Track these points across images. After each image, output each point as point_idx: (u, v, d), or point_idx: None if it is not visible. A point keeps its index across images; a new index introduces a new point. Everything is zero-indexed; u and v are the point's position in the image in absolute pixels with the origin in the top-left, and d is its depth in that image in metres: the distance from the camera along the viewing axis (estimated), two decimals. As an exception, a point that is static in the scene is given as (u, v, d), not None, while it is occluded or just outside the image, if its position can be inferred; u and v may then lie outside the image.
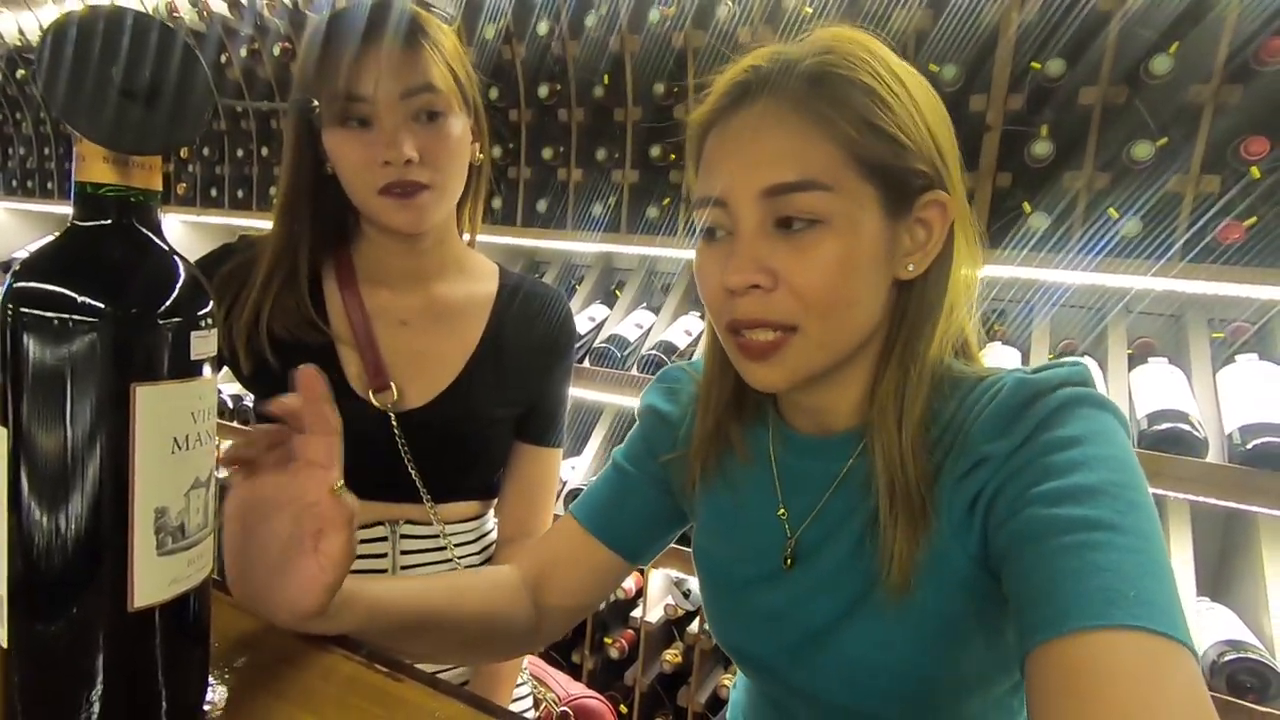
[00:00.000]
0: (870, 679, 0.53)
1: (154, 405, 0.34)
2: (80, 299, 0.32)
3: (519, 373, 0.84)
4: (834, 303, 0.49)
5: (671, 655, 1.40)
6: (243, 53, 1.85)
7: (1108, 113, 1.06)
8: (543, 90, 1.48)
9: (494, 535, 0.89)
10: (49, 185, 2.47)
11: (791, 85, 0.49)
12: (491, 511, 0.90)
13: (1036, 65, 1.08)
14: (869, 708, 0.54)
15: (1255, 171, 0.97)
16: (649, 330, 1.49)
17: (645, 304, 1.59)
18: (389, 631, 0.56)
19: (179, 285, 0.36)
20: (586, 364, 1.45)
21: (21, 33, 2.35)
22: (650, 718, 1.42)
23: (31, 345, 0.32)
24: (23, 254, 2.53)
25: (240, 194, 2.02)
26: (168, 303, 0.35)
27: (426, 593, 0.60)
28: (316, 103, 0.71)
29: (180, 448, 0.36)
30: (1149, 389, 1.11)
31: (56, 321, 0.32)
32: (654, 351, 1.39)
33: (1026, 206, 1.11)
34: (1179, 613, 0.38)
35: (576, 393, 1.61)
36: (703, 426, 0.62)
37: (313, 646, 0.52)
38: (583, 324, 1.54)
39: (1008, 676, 0.54)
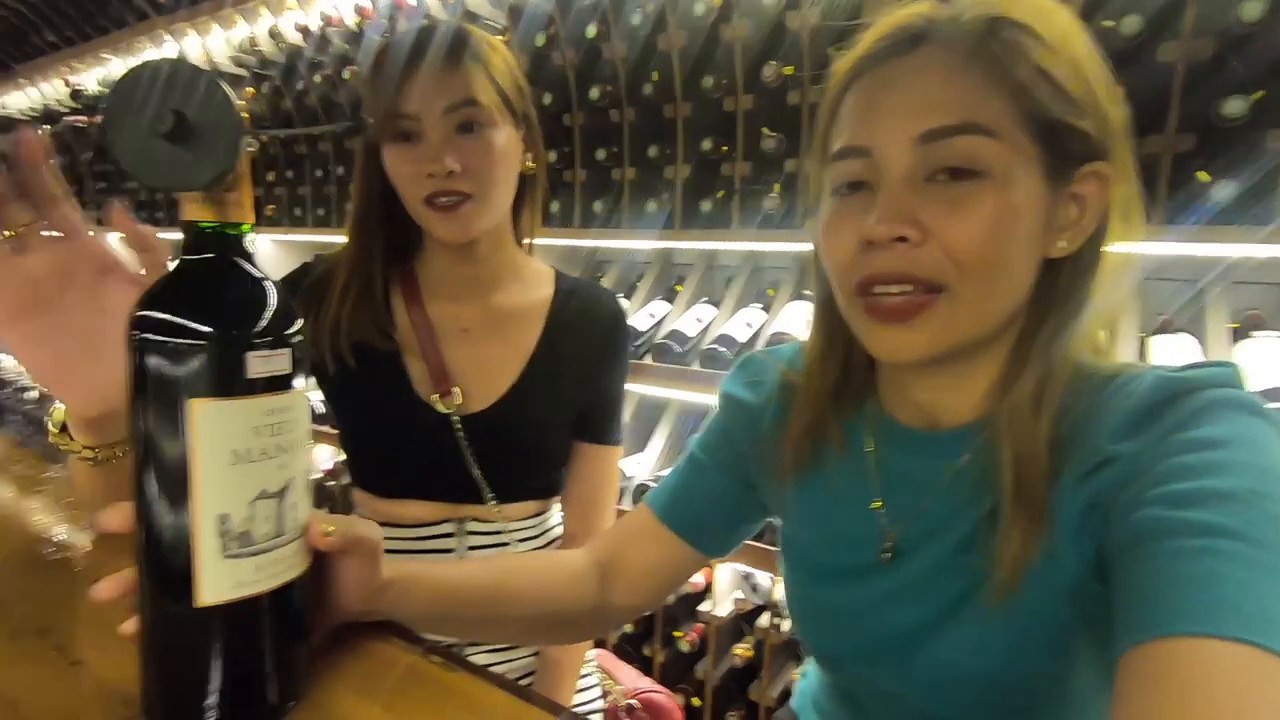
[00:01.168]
0: (961, 686, 0.51)
1: (210, 420, 0.37)
2: (166, 323, 0.37)
3: (576, 374, 0.86)
4: (990, 265, 0.45)
5: (742, 650, 1.40)
6: (316, 79, 1.96)
7: (1192, 69, 0.98)
8: (594, 92, 1.50)
9: (558, 530, 0.92)
10: (158, 215, 2.70)
11: (958, 33, 0.46)
12: (555, 507, 0.93)
13: (1109, 24, 1.01)
14: (955, 715, 0.52)
15: (1370, 120, 0.87)
16: (709, 325, 1.49)
17: (706, 298, 1.58)
18: (446, 614, 0.58)
19: (242, 310, 0.39)
20: (648, 360, 1.46)
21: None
22: (723, 712, 1.42)
23: (139, 364, 0.38)
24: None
25: (321, 212, 2.14)
26: (226, 328, 0.38)
27: (483, 575, 0.61)
28: (371, 120, 0.76)
29: (241, 460, 0.38)
30: (1256, 365, 1.02)
31: (151, 344, 0.37)
32: (715, 346, 1.38)
33: (1103, 176, 1.04)
34: None
35: (639, 389, 1.63)
36: (802, 416, 0.59)
37: (374, 638, 0.55)
38: (643, 320, 1.55)
39: None
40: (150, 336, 0.37)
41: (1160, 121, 1.00)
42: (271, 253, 2.39)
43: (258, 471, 0.39)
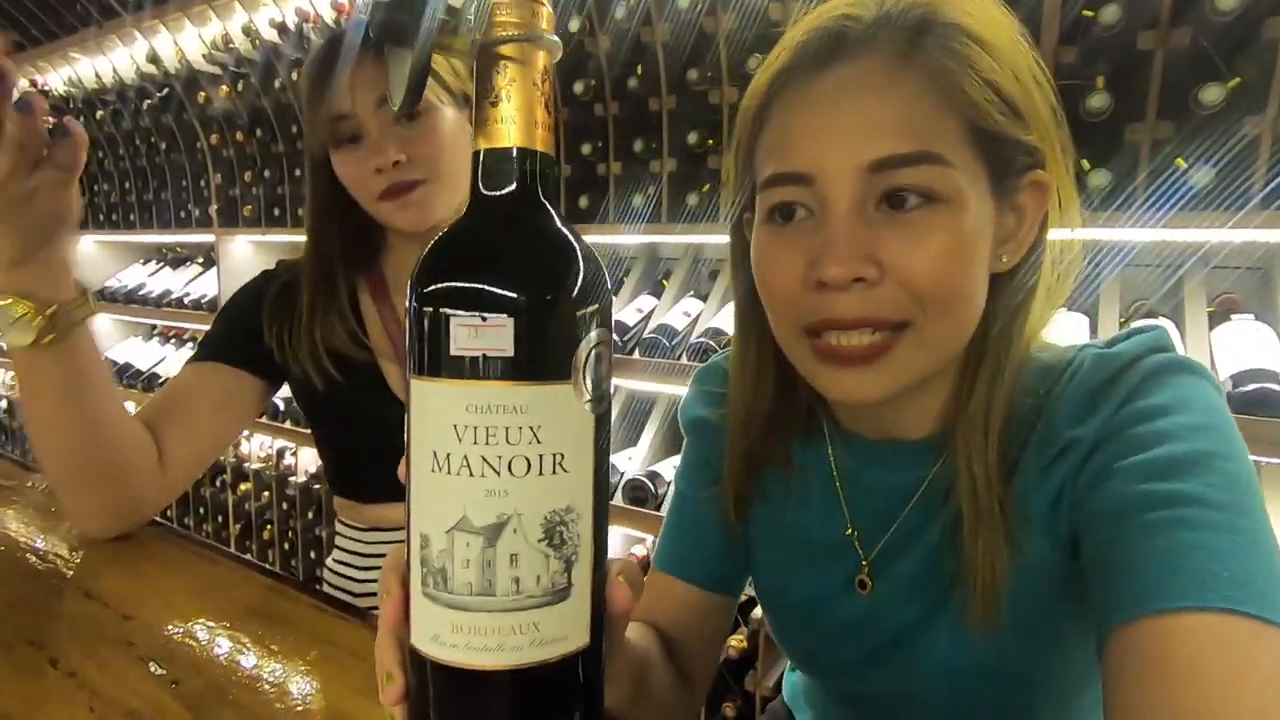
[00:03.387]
0: (952, 682, 0.51)
1: (416, 404, 0.29)
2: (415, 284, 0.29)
3: None
4: (952, 297, 0.42)
5: (736, 641, 1.40)
6: (294, 76, 1.93)
7: (1170, 57, 0.99)
8: (577, 87, 1.49)
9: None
10: (131, 217, 2.64)
11: (892, 38, 0.42)
12: None
13: (1089, 13, 1.02)
14: (961, 709, 0.52)
15: (1343, 106, 0.89)
16: (697, 318, 1.49)
17: (693, 291, 1.58)
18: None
19: (454, 271, 0.29)
20: (636, 355, 1.46)
21: (98, 77, 2.52)
22: (719, 704, 1.43)
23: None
24: (114, 283, 2.72)
25: (300, 211, 2.11)
26: (436, 288, 0.28)
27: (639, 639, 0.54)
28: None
29: (440, 468, 0.28)
30: (1233, 348, 1.04)
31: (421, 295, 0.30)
32: (703, 339, 1.38)
33: (1085, 164, 1.05)
34: None
35: (628, 384, 1.62)
36: (734, 449, 0.55)
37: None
38: (631, 315, 1.55)
39: None
40: (424, 297, 0.29)
41: (1140, 109, 1.02)
42: (249, 253, 2.35)
43: (457, 489, 0.28)
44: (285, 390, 0.86)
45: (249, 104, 2.11)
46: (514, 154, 0.29)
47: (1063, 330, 1.17)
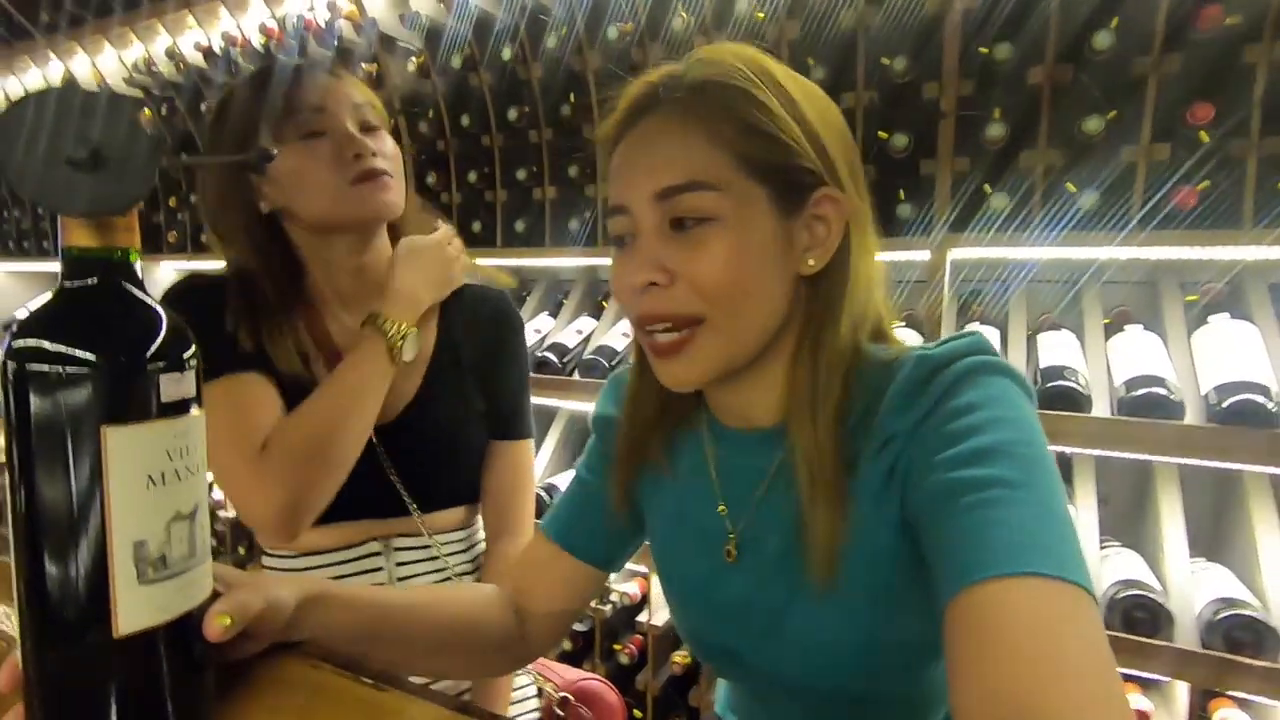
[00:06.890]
0: (823, 658, 0.56)
1: (124, 445, 0.37)
2: (58, 352, 0.36)
3: (475, 371, 0.88)
4: (731, 294, 0.51)
5: (680, 657, 1.42)
6: (221, 101, 1.89)
7: (1056, 91, 1.09)
8: (511, 114, 1.52)
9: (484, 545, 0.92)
10: (45, 244, 2.52)
11: (679, 97, 0.53)
12: (480, 520, 0.92)
13: (984, 50, 1.11)
14: (832, 684, 0.56)
15: (1204, 136, 0.99)
16: (635, 338, 1.52)
17: (630, 313, 1.61)
18: (362, 633, 0.57)
19: (145, 334, 0.38)
20: (576, 377, 1.48)
21: (8, 98, 2.41)
22: (665, 718, 1.44)
23: (23, 396, 0.36)
24: (22, 313, 2.58)
25: (229, 238, 2.06)
26: (132, 352, 0.38)
27: (401, 594, 0.63)
28: (275, 150, 0.74)
29: (155, 484, 0.38)
30: (1126, 356, 1.13)
31: (39, 374, 0.36)
32: (640, 359, 1.41)
33: (987, 188, 1.13)
34: (1075, 558, 0.41)
35: (570, 405, 1.64)
36: (626, 441, 0.64)
37: (284, 656, 0.54)
38: (571, 337, 1.57)
39: None
40: (47, 367, 0.35)
41: (1033, 138, 1.11)
42: (173, 280, 2.27)
43: (171, 494, 0.39)
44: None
45: (172, 127, 2.05)
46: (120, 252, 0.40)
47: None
